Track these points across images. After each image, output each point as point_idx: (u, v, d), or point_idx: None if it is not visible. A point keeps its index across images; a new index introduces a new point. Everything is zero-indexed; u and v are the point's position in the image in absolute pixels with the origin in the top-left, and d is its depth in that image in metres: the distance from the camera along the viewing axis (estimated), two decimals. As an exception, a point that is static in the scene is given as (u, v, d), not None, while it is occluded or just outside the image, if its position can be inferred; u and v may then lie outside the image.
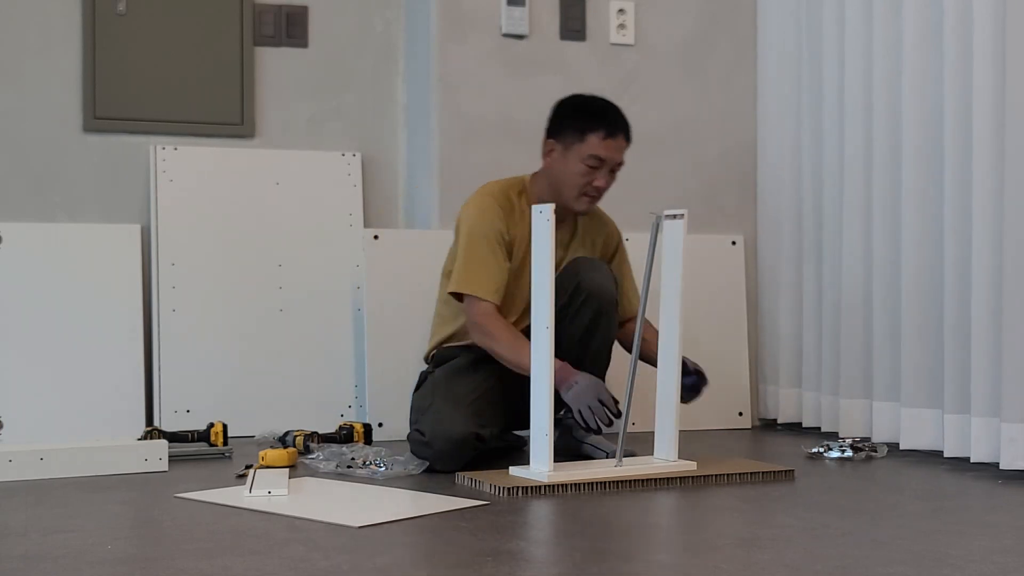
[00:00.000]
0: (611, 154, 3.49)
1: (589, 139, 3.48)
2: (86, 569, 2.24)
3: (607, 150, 3.48)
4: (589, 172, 3.49)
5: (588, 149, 3.48)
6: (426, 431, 3.33)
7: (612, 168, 3.52)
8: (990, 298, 3.39)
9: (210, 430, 3.72)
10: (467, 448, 3.31)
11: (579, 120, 3.51)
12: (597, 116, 3.51)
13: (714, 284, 4.45)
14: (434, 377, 3.56)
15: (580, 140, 3.49)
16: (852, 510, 2.89)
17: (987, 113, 3.40)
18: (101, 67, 4.25)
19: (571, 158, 3.50)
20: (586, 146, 3.48)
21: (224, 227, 4.27)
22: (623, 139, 3.52)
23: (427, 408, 3.42)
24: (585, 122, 3.50)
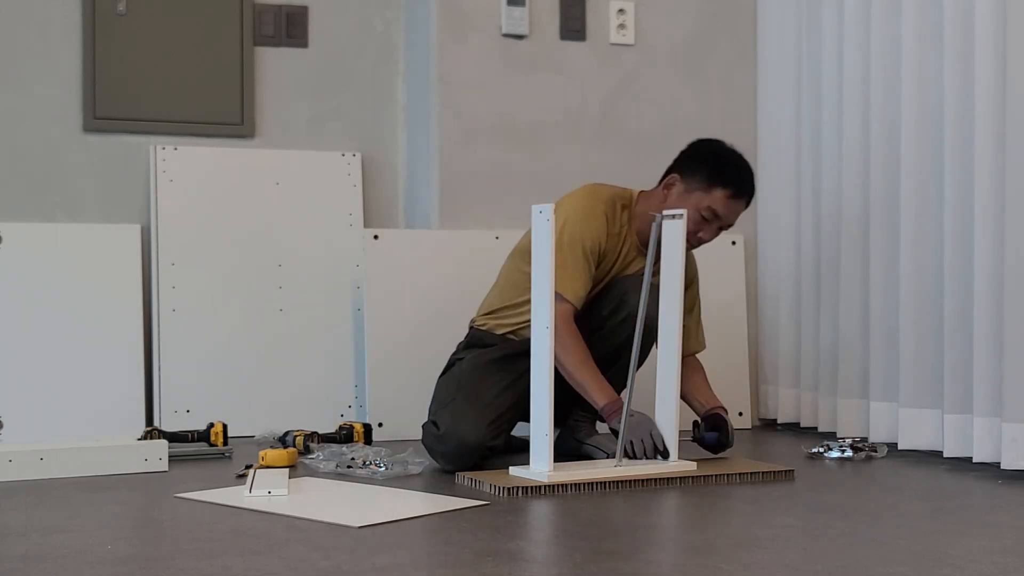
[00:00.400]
0: (729, 214, 3.46)
1: (715, 192, 3.43)
2: (86, 569, 2.24)
3: (727, 209, 3.45)
4: (701, 223, 3.44)
5: (710, 201, 3.43)
6: (442, 427, 3.33)
7: (722, 226, 3.49)
8: (991, 297, 3.39)
9: (210, 430, 3.72)
10: (476, 454, 3.31)
11: (713, 170, 3.45)
12: (731, 174, 3.47)
13: (714, 284, 4.45)
14: (462, 366, 3.48)
15: (706, 190, 3.43)
16: (852, 510, 2.89)
17: (988, 113, 3.40)
18: (101, 67, 4.25)
19: (690, 202, 3.42)
20: (709, 198, 3.43)
21: (224, 227, 4.27)
22: (745, 204, 3.50)
23: (448, 403, 3.38)
24: (718, 175, 3.44)
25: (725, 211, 3.45)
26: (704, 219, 3.44)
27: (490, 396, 3.40)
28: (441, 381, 3.53)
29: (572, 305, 3.33)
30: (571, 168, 4.35)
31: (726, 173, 3.46)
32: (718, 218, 3.45)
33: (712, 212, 3.44)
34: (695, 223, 3.43)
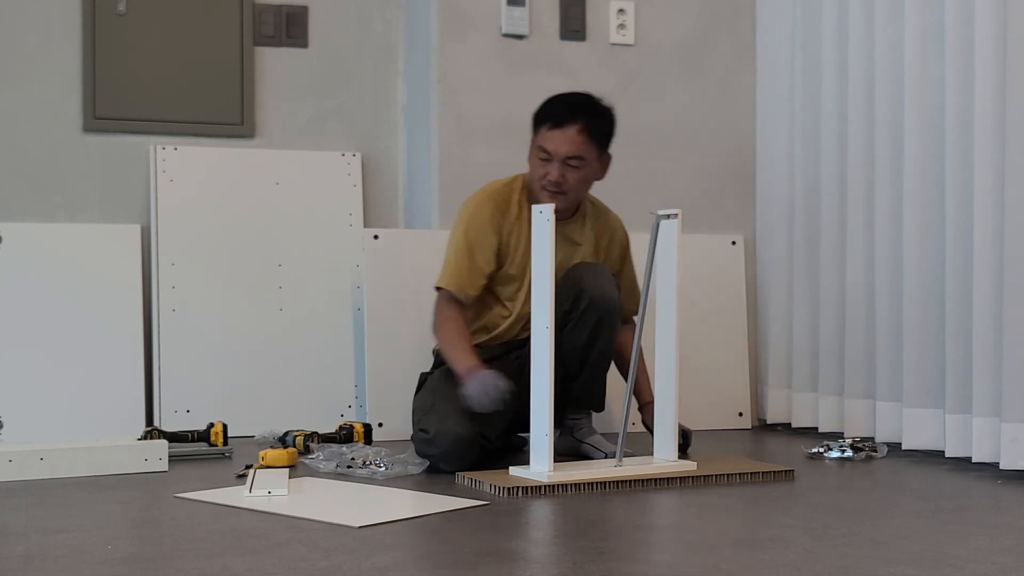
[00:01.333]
0: (555, 146, 3.45)
1: (540, 132, 3.50)
2: (86, 569, 2.24)
3: (551, 142, 3.45)
4: (542, 165, 3.48)
5: (538, 141, 3.49)
6: (431, 429, 3.32)
7: (564, 161, 3.45)
8: (991, 298, 3.39)
9: (210, 430, 3.72)
10: (473, 447, 3.31)
11: (536, 115, 3.54)
12: (545, 109, 3.52)
13: (714, 284, 4.45)
14: (433, 378, 3.56)
15: (536, 133, 3.51)
16: (852, 510, 2.89)
17: (988, 112, 3.40)
18: (101, 67, 4.25)
19: (532, 152, 3.53)
20: (537, 138, 3.50)
21: (224, 227, 4.27)
22: (572, 131, 3.45)
23: (429, 408, 3.41)
24: (537, 117, 3.52)
25: (551, 144, 3.45)
26: (542, 160, 3.47)
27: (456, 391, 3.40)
28: (417, 397, 3.58)
29: (451, 293, 3.48)
30: (571, 168, 4.35)
31: (542, 111, 3.51)
32: (549, 153, 3.46)
33: (542, 150, 3.47)
34: (538, 167, 3.48)
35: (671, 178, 4.47)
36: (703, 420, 4.31)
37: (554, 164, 3.46)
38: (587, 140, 3.47)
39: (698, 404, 4.27)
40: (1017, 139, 3.28)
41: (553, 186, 3.47)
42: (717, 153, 4.55)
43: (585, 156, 3.47)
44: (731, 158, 4.57)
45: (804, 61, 4.32)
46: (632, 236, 3.97)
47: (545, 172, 3.47)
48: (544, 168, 3.47)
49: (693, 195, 4.46)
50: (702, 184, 4.52)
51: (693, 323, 4.09)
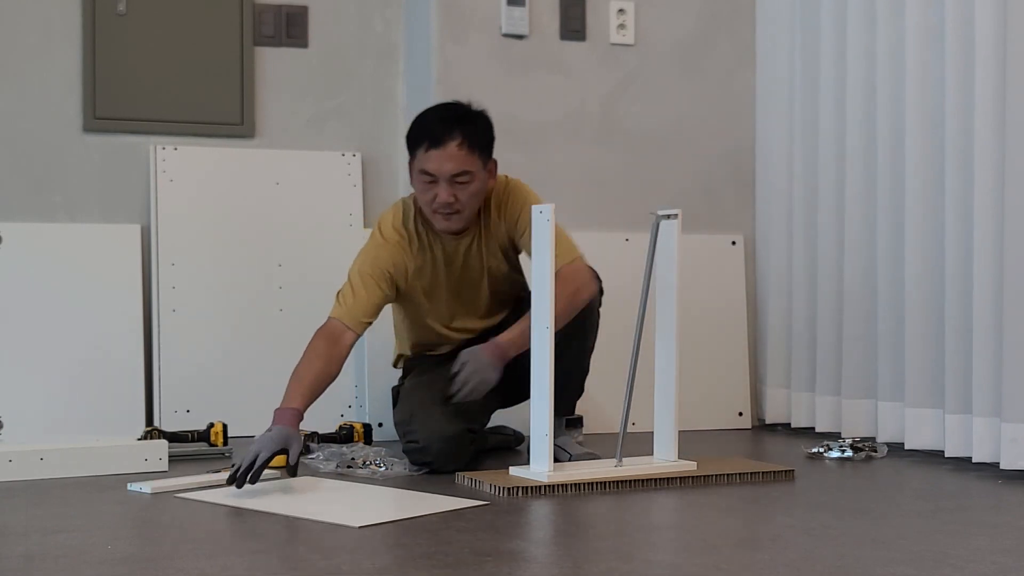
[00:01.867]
0: (438, 166, 3.25)
1: (417, 155, 3.30)
2: (86, 569, 2.24)
3: (432, 162, 3.26)
4: (428, 188, 3.28)
5: (417, 164, 3.30)
6: (419, 438, 3.32)
7: (451, 180, 3.26)
8: (991, 298, 3.39)
9: (210, 430, 3.72)
10: (464, 444, 3.31)
11: (409, 136, 3.35)
12: (418, 127, 3.33)
13: (714, 284, 4.45)
14: (405, 389, 3.56)
15: (413, 157, 3.32)
16: (852, 510, 2.89)
17: (988, 112, 3.40)
18: (101, 67, 4.25)
19: (415, 178, 3.34)
20: (416, 162, 3.31)
21: (224, 227, 4.27)
22: (453, 147, 3.26)
23: (411, 418, 3.39)
24: (411, 137, 3.34)
25: (432, 165, 3.25)
26: (428, 184, 3.28)
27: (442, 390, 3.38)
28: (396, 412, 3.57)
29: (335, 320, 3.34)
30: (571, 168, 4.36)
31: (414, 132, 3.33)
32: (432, 175, 3.26)
33: (424, 173, 3.27)
34: (424, 192, 3.29)
35: (671, 178, 4.47)
36: (703, 420, 4.32)
37: (441, 185, 3.26)
38: (469, 153, 3.27)
39: (698, 404, 4.27)
40: (1017, 139, 3.28)
41: (445, 208, 3.29)
42: (717, 153, 4.55)
43: (471, 170, 3.28)
44: (731, 158, 4.57)
45: (803, 61, 4.32)
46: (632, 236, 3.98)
47: (433, 195, 3.27)
48: (431, 191, 3.28)
49: (693, 195, 4.46)
50: (702, 184, 4.52)
51: (693, 323, 4.09)
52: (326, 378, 3.27)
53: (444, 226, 3.35)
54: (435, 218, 3.34)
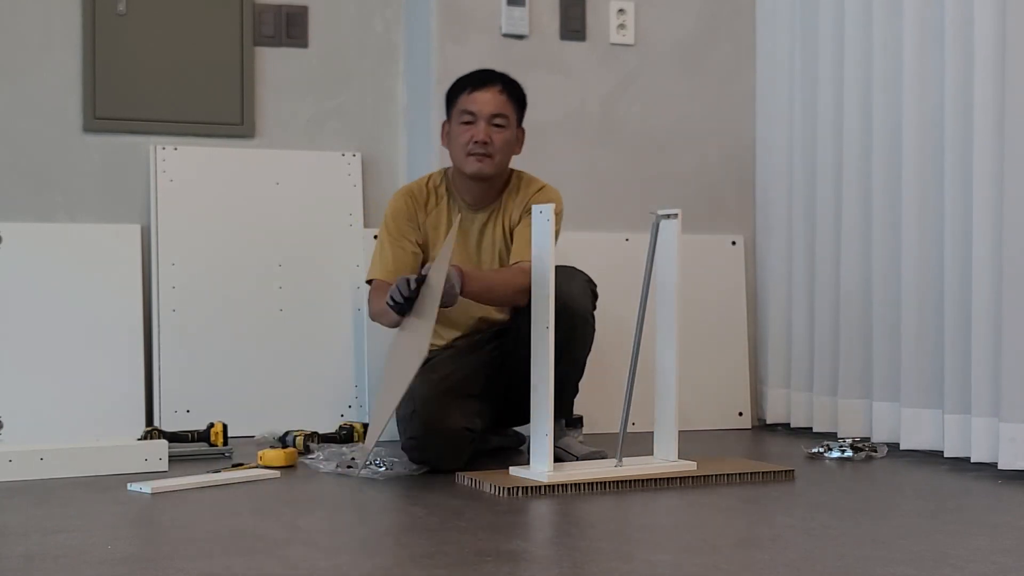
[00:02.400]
0: (479, 106, 3.54)
1: (459, 99, 3.58)
2: (86, 569, 2.24)
3: (474, 102, 3.54)
4: (467, 130, 3.53)
5: (459, 107, 3.56)
6: (418, 435, 3.32)
7: (490, 120, 3.53)
8: (990, 298, 3.39)
9: (210, 430, 3.72)
10: (463, 441, 3.31)
11: (452, 89, 3.63)
12: (462, 79, 3.62)
13: (714, 284, 4.45)
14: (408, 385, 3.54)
15: (454, 105, 3.59)
16: (852, 510, 2.89)
17: (987, 111, 3.40)
18: (101, 67, 4.25)
19: (453, 127, 3.58)
20: (457, 107, 3.57)
21: (224, 227, 4.27)
22: (495, 90, 3.57)
23: (411, 415, 3.40)
24: (454, 88, 3.62)
25: (474, 105, 3.55)
26: (467, 123, 3.54)
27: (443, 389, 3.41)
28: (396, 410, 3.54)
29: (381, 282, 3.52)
30: (571, 168, 4.36)
31: (458, 83, 3.63)
32: (473, 115, 3.54)
33: (466, 113, 3.55)
34: (463, 134, 3.54)
35: (671, 178, 4.47)
36: (703, 420, 4.32)
37: (479, 124, 3.53)
38: (507, 100, 3.58)
39: (698, 404, 4.28)
40: (1016, 138, 3.29)
41: (480, 147, 3.52)
42: (717, 153, 4.55)
43: (508, 115, 3.57)
44: (731, 158, 4.57)
45: (802, 61, 4.32)
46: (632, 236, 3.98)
47: (471, 135, 3.52)
48: (469, 131, 3.53)
49: (693, 195, 4.46)
50: (702, 184, 4.52)
51: (693, 323, 4.09)
52: None
53: (475, 168, 3.54)
54: (468, 161, 3.54)
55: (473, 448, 3.37)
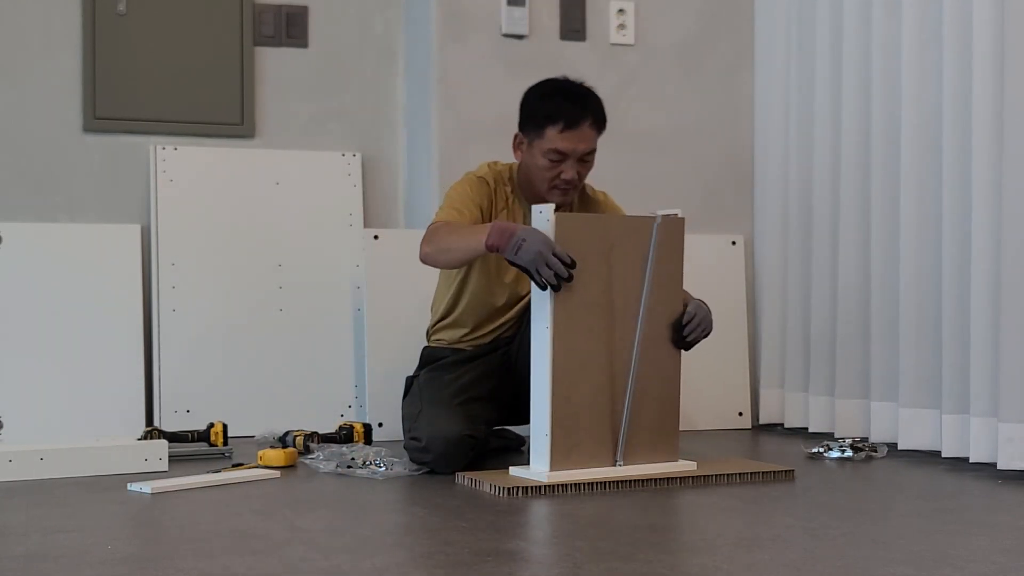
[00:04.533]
0: (572, 146, 3.35)
1: (547, 134, 3.35)
2: (86, 569, 2.24)
3: (567, 143, 3.35)
4: (553, 166, 3.36)
5: (547, 144, 3.35)
6: (422, 436, 3.32)
7: (580, 158, 3.38)
8: (988, 298, 3.39)
9: (210, 430, 3.72)
10: (464, 448, 3.31)
11: (536, 113, 3.40)
12: (554, 108, 3.37)
13: (714, 284, 4.45)
14: (419, 381, 3.57)
15: (540, 135, 3.37)
16: (852, 510, 2.89)
17: (986, 110, 3.40)
18: (101, 67, 4.25)
19: (535, 153, 3.39)
20: (545, 141, 3.36)
21: (224, 227, 4.27)
22: (588, 127, 3.37)
23: (417, 414, 3.41)
24: (543, 115, 3.37)
25: (566, 145, 3.34)
26: (555, 162, 3.36)
27: (453, 392, 3.43)
28: (405, 403, 3.59)
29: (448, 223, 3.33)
30: (571, 168, 4.35)
31: (549, 110, 3.37)
32: (564, 155, 3.35)
33: (556, 152, 3.35)
34: (548, 169, 3.36)
35: (671, 178, 4.47)
36: (703, 420, 4.32)
37: (569, 163, 3.36)
38: (596, 133, 3.42)
39: (698, 404, 4.28)
40: (1014, 138, 3.29)
41: (568, 184, 3.38)
42: (717, 153, 4.55)
43: (595, 149, 3.43)
44: (731, 158, 4.57)
45: (800, 60, 4.32)
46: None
47: (558, 172, 3.37)
48: (556, 169, 3.36)
49: (693, 195, 4.46)
50: (702, 184, 4.52)
51: (693, 323, 4.09)
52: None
53: (559, 200, 3.40)
54: (551, 194, 3.40)
55: (475, 453, 3.37)
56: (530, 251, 2.98)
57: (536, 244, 2.98)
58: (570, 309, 3.10)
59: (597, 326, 3.14)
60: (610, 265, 3.15)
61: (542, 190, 3.42)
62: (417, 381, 3.59)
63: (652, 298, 3.19)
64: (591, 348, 3.13)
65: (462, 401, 3.43)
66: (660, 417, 3.25)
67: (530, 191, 3.48)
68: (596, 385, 3.14)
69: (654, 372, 3.23)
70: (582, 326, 3.12)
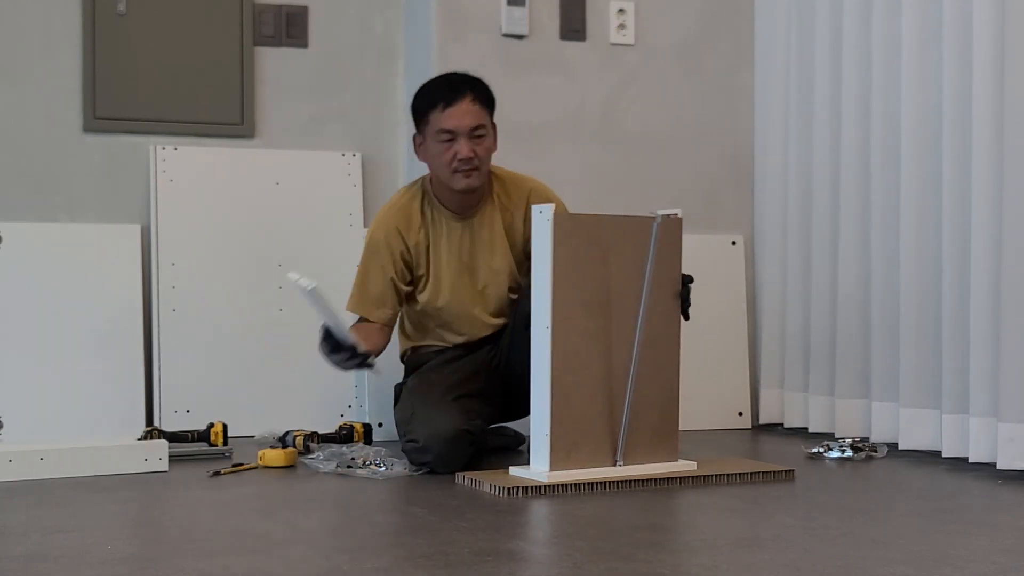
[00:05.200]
0: (457, 123, 3.43)
1: (431, 118, 3.46)
2: (86, 569, 2.24)
3: (451, 120, 3.43)
4: (447, 148, 3.43)
5: (434, 127, 3.45)
6: (419, 437, 3.33)
7: (470, 135, 3.43)
8: (988, 298, 3.39)
9: (210, 430, 3.72)
10: (462, 444, 3.32)
11: (420, 105, 3.51)
12: (433, 92, 3.49)
13: (714, 284, 4.45)
14: (408, 386, 3.59)
15: (427, 123, 3.47)
16: (852, 510, 2.89)
17: (986, 110, 3.40)
18: (101, 67, 4.25)
19: (430, 144, 3.48)
20: (432, 125, 3.46)
21: (224, 227, 4.27)
22: (467, 102, 3.45)
23: (411, 417, 3.42)
24: (423, 105, 3.49)
25: (451, 123, 3.43)
26: (446, 143, 3.44)
27: (443, 389, 3.45)
28: (396, 410, 3.61)
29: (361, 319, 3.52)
30: (571, 168, 4.36)
31: (426, 97, 3.50)
32: (452, 132, 3.43)
33: (444, 132, 3.43)
34: (445, 152, 3.44)
35: (671, 178, 4.47)
36: (703, 420, 4.32)
37: (460, 141, 3.43)
38: (481, 108, 3.48)
39: (698, 404, 4.27)
40: (1015, 138, 3.29)
41: (466, 164, 3.43)
42: (717, 153, 4.55)
43: (485, 124, 3.47)
44: (731, 158, 4.57)
45: (800, 60, 4.32)
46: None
47: (453, 153, 3.43)
48: (451, 150, 3.43)
49: (693, 195, 4.46)
50: (702, 184, 4.52)
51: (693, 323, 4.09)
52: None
53: (464, 184, 3.46)
54: (455, 178, 3.45)
55: (473, 449, 3.37)
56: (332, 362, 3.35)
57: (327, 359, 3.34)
58: (569, 309, 3.11)
59: (596, 326, 3.15)
60: (609, 265, 3.16)
61: (446, 178, 3.48)
62: (406, 386, 3.60)
63: (652, 298, 3.19)
64: (591, 348, 3.14)
65: (454, 397, 3.43)
66: (660, 417, 3.25)
67: (443, 190, 3.53)
68: (596, 385, 3.15)
69: (654, 372, 3.23)
70: (581, 326, 3.12)
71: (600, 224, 3.19)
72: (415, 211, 3.55)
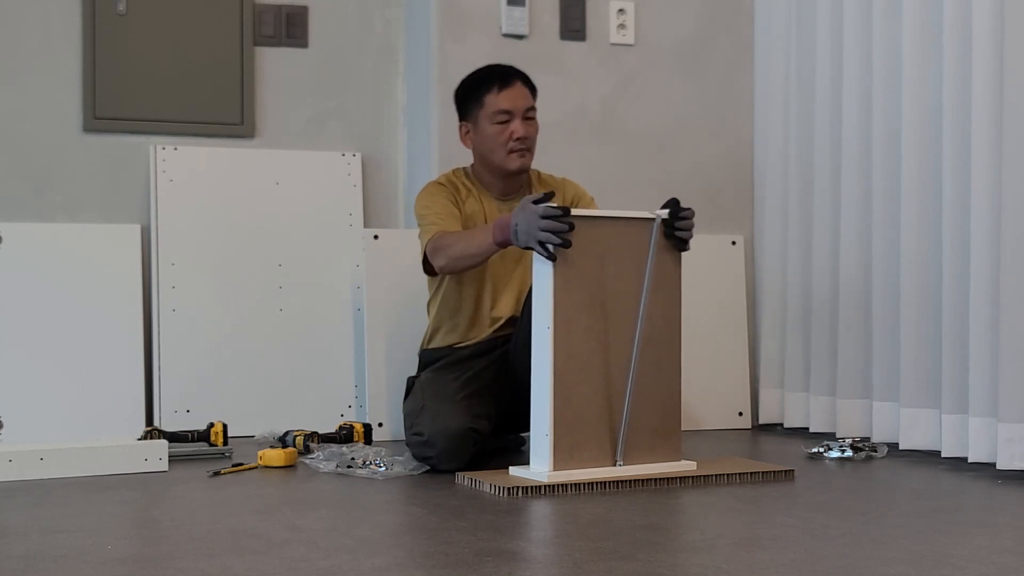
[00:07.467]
0: (513, 102, 3.54)
1: (487, 100, 3.55)
2: (86, 569, 2.24)
3: (507, 101, 3.53)
4: (503, 129, 3.53)
5: (490, 108, 3.54)
6: (425, 431, 3.33)
7: (524, 115, 3.54)
8: (988, 298, 3.39)
9: (210, 430, 3.72)
10: (467, 443, 3.32)
11: (471, 91, 3.60)
12: (484, 78, 3.60)
13: (714, 284, 4.45)
14: (421, 380, 3.59)
15: (480, 106, 3.56)
16: (852, 510, 2.89)
17: (986, 110, 3.40)
18: (101, 67, 4.25)
19: (483, 127, 3.56)
20: (487, 107, 3.54)
21: (224, 227, 4.27)
22: (520, 85, 3.57)
23: (420, 410, 3.43)
24: (476, 90, 3.58)
25: (508, 103, 3.54)
26: (503, 123, 3.53)
27: (457, 388, 3.46)
28: (406, 402, 3.61)
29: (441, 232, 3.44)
30: (571, 168, 4.34)
31: (480, 83, 3.59)
32: (509, 112, 3.53)
33: (501, 112, 3.54)
34: (500, 133, 3.52)
35: (671, 178, 4.47)
36: (703, 420, 4.32)
37: (516, 121, 3.53)
38: (530, 92, 3.60)
39: (698, 404, 4.28)
40: (1015, 140, 3.29)
41: (522, 142, 3.53)
42: (717, 153, 4.55)
43: (535, 107, 3.59)
44: (731, 158, 4.57)
45: (799, 60, 4.32)
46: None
47: (509, 133, 3.52)
48: (507, 130, 3.52)
49: (693, 195, 4.44)
50: (702, 184, 4.52)
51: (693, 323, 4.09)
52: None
53: (519, 164, 3.55)
54: (510, 159, 3.55)
55: (476, 449, 3.38)
56: (525, 231, 3.10)
57: (525, 222, 3.09)
58: (570, 309, 3.11)
59: (597, 325, 3.15)
60: (609, 265, 3.16)
61: (502, 160, 3.55)
62: (419, 380, 3.60)
63: (652, 297, 3.19)
64: (591, 348, 3.14)
65: (465, 395, 3.45)
66: (661, 417, 3.25)
67: (490, 178, 3.60)
68: (596, 385, 3.15)
69: (654, 371, 3.23)
70: (582, 326, 3.12)
71: (600, 224, 3.19)
72: (460, 186, 3.62)
